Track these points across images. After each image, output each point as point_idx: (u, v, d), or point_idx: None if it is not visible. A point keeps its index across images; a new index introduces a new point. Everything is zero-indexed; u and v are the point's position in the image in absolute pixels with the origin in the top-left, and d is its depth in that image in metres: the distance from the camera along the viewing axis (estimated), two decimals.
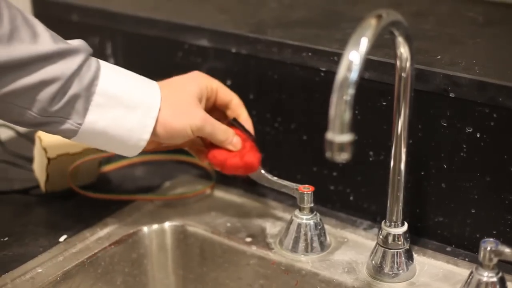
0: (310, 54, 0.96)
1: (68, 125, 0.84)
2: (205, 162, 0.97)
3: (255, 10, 1.13)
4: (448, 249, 0.92)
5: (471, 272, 0.80)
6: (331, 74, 0.69)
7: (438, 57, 0.91)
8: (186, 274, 1.01)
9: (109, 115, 0.84)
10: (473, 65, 0.88)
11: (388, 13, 0.71)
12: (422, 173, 0.92)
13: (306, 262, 0.91)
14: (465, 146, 0.87)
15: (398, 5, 1.06)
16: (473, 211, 0.89)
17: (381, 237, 0.86)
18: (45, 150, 1.01)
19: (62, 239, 0.95)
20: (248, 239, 0.96)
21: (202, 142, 0.95)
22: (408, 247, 0.87)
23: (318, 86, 0.96)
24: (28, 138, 1.18)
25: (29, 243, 0.94)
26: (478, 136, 0.86)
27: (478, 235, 0.89)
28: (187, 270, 1.00)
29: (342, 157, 0.66)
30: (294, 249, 0.92)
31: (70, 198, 1.04)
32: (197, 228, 0.99)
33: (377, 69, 0.90)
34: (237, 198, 1.04)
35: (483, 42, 0.98)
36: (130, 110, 0.85)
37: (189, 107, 0.89)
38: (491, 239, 0.78)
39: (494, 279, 0.78)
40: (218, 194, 1.06)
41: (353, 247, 0.93)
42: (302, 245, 0.92)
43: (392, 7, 0.73)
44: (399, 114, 0.81)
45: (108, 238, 0.96)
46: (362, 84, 0.68)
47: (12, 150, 1.17)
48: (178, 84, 0.92)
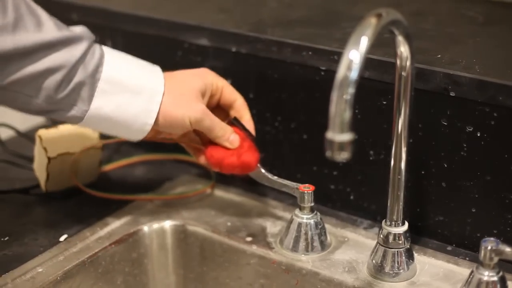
0: (310, 53, 0.95)
1: (74, 112, 0.84)
2: (202, 161, 0.96)
3: (255, 9, 1.13)
4: (448, 248, 0.92)
5: (472, 271, 0.80)
6: (331, 73, 0.69)
7: (438, 56, 0.91)
8: (186, 274, 1.01)
9: (114, 101, 0.85)
10: (473, 64, 0.88)
11: (388, 12, 0.71)
12: (423, 172, 0.91)
13: (306, 261, 0.91)
14: (465, 145, 0.87)
15: (398, 4, 1.05)
16: (473, 210, 0.89)
17: (381, 236, 0.86)
18: (45, 150, 1.01)
19: (62, 239, 0.95)
20: (248, 239, 0.95)
21: (200, 140, 0.95)
22: (408, 247, 0.87)
23: (318, 85, 0.96)
24: (28, 137, 1.18)
25: (29, 243, 0.94)
26: (478, 135, 0.86)
27: (478, 234, 0.89)
28: (188, 269, 1.00)
29: (342, 156, 0.66)
30: (295, 248, 0.92)
31: (70, 198, 1.04)
32: (197, 227, 0.99)
33: (377, 68, 0.90)
34: (237, 198, 1.04)
35: (483, 41, 0.98)
36: (134, 95, 0.86)
37: (190, 99, 0.89)
38: (492, 238, 0.78)
39: (495, 278, 0.78)
40: (218, 193, 1.06)
41: (353, 247, 0.93)
42: (302, 244, 0.92)
43: (392, 6, 0.73)
44: (399, 113, 0.81)
45: (108, 238, 0.96)
46: (362, 83, 0.68)
47: (12, 150, 1.17)
48: (183, 77, 0.92)
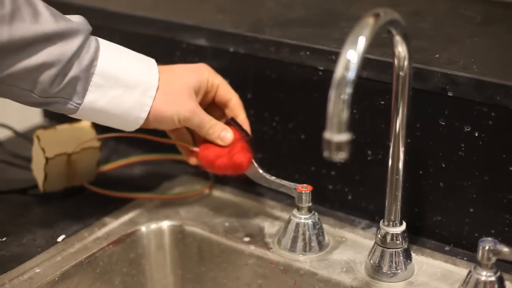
0: (308, 53, 0.95)
1: (68, 105, 0.85)
2: (192, 162, 0.96)
3: (253, 9, 1.13)
4: (446, 248, 0.92)
5: (470, 271, 0.80)
6: (329, 73, 0.68)
7: (436, 56, 0.90)
8: (184, 274, 1.01)
9: (108, 95, 0.86)
10: (471, 64, 0.88)
11: (385, 12, 0.71)
12: (420, 172, 0.91)
13: (304, 261, 0.91)
14: (463, 145, 0.87)
15: (396, 4, 1.05)
16: (471, 210, 0.89)
17: (379, 236, 0.86)
18: (43, 150, 1.01)
19: (60, 239, 0.95)
20: (246, 239, 0.95)
21: (194, 137, 0.96)
22: (406, 247, 0.87)
23: (316, 85, 0.96)
24: (26, 138, 1.18)
25: (27, 243, 0.94)
26: (476, 135, 0.86)
27: (476, 234, 0.89)
28: (185, 269, 1.00)
29: (340, 156, 0.66)
30: (293, 248, 0.92)
31: (68, 198, 1.04)
32: (195, 227, 0.99)
33: (375, 68, 0.90)
34: (235, 198, 1.04)
35: (481, 40, 0.98)
36: (128, 89, 0.87)
37: (181, 97, 0.90)
38: (490, 238, 0.78)
39: (493, 278, 0.78)
40: (216, 193, 1.06)
41: (351, 247, 0.93)
42: (300, 244, 0.92)
43: (390, 6, 0.73)
44: (397, 113, 0.81)
45: (106, 238, 0.96)
46: (360, 83, 0.68)
47: (10, 150, 1.17)
48: (178, 72, 0.92)
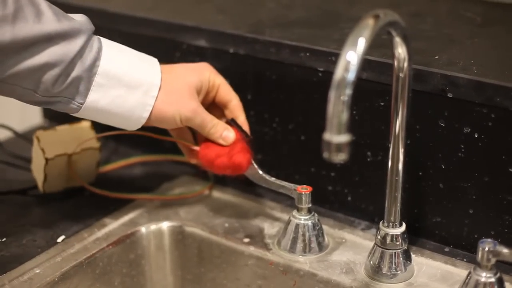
0: (308, 54, 0.95)
1: (70, 104, 0.85)
2: (193, 161, 0.97)
3: (253, 10, 1.13)
4: (446, 249, 0.92)
5: (469, 272, 0.80)
6: (329, 74, 0.68)
7: (436, 57, 0.91)
8: (184, 275, 1.01)
9: (110, 95, 0.86)
10: (471, 65, 0.88)
11: (385, 13, 0.71)
12: (420, 173, 0.91)
13: (304, 262, 0.91)
14: (463, 147, 0.87)
15: (396, 5, 1.05)
16: (471, 212, 0.89)
17: (379, 237, 0.86)
18: (43, 151, 1.01)
19: (60, 240, 0.95)
20: (246, 240, 0.95)
21: (196, 136, 0.96)
22: (406, 248, 0.87)
23: (316, 86, 0.96)
24: (26, 138, 1.18)
25: (27, 244, 0.94)
26: (476, 136, 0.86)
27: (476, 236, 0.89)
28: (185, 270, 1.00)
29: (340, 157, 0.66)
30: (292, 249, 0.92)
31: (68, 199, 1.04)
32: (195, 228, 0.99)
33: (374, 69, 0.90)
34: (235, 199, 1.04)
35: (481, 42, 0.98)
36: (130, 89, 0.87)
37: (183, 97, 0.90)
38: (489, 240, 0.78)
39: (492, 280, 0.78)
40: (216, 194, 1.06)
41: (351, 248, 0.93)
42: (300, 245, 0.92)
43: (390, 7, 0.73)
44: (397, 115, 0.81)
45: (106, 239, 0.96)
46: (359, 84, 0.68)
47: (10, 151, 1.17)
48: (180, 72, 0.92)
